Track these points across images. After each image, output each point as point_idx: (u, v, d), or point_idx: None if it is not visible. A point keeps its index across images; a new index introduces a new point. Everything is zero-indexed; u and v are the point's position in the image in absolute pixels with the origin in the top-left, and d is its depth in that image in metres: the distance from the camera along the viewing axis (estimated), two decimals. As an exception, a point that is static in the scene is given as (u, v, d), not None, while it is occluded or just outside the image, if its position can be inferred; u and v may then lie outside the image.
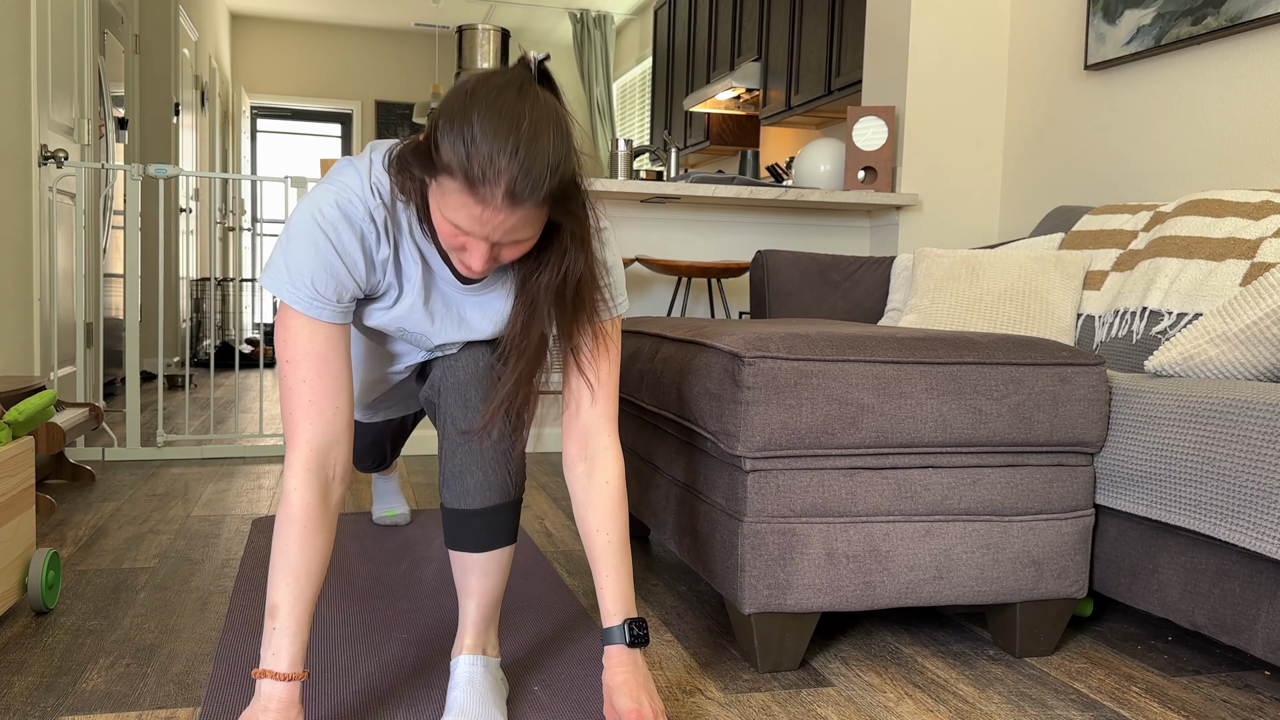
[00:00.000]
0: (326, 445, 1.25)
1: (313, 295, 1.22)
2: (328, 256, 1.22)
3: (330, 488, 1.26)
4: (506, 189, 1.08)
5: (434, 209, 1.16)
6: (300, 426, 1.23)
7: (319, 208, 1.22)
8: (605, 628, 1.36)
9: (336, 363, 1.25)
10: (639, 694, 1.30)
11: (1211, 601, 1.53)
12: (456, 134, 1.09)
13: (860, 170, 3.57)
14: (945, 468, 1.62)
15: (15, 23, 3.13)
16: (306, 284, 1.21)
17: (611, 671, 1.33)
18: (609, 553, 1.36)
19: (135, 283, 3.34)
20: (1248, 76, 2.62)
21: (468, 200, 1.10)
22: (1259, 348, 1.74)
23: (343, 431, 1.26)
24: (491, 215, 1.11)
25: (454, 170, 1.09)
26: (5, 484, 1.64)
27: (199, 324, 6.70)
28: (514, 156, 1.08)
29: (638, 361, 2.01)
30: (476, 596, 1.41)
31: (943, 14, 3.52)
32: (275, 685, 1.20)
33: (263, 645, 1.22)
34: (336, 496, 1.27)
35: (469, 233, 1.13)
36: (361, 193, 1.23)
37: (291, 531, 1.22)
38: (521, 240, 1.16)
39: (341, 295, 1.24)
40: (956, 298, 2.48)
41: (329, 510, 1.25)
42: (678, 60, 6.68)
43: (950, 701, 1.52)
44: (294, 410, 1.23)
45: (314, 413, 1.24)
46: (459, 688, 1.37)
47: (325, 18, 9.08)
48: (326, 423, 1.24)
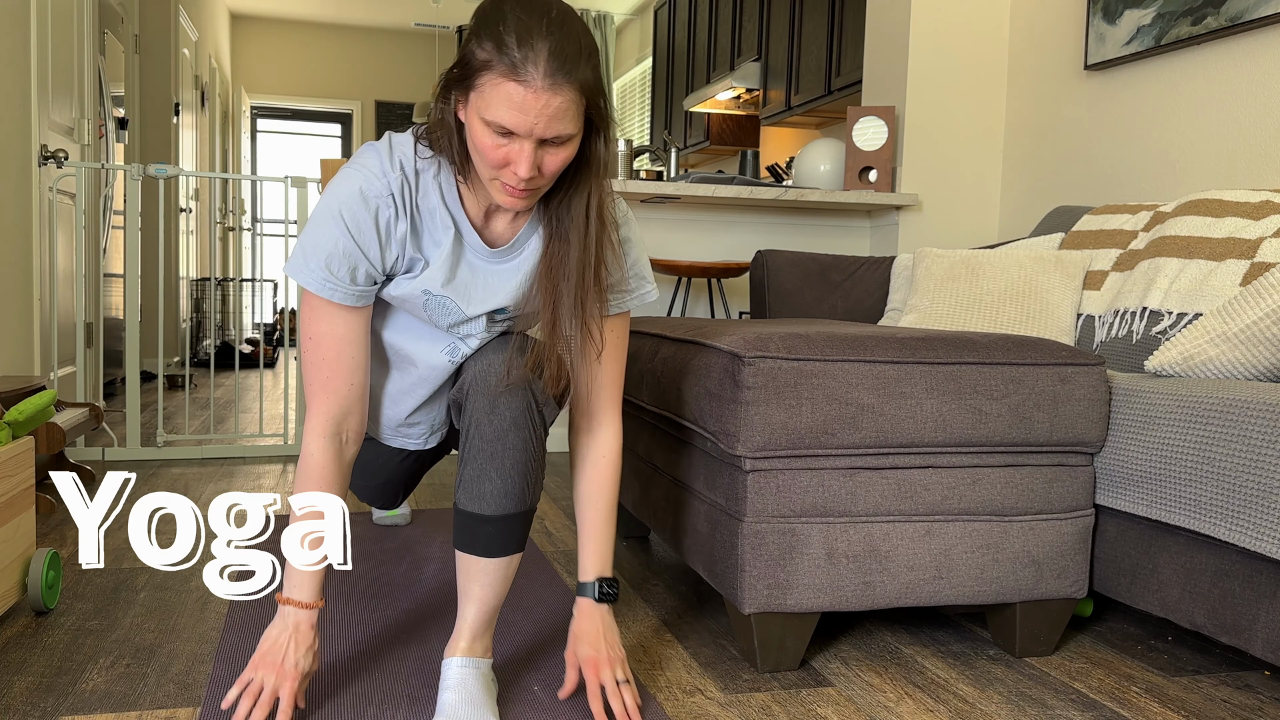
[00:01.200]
0: (341, 415, 1.38)
1: (326, 276, 1.29)
2: (341, 238, 1.28)
3: (344, 448, 1.40)
4: (546, 66, 1.14)
5: (473, 129, 1.21)
6: (318, 398, 1.36)
7: (336, 192, 1.29)
8: (580, 582, 1.48)
9: (354, 343, 1.36)
10: (599, 642, 1.42)
11: (1211, 601, 1.53)
12: (491, 29, 1.16)
13: (860, 170, 3.57)
14: (945, 468, 1.62)
15: (15, 23, 3.13)
16: (321, 266, 1.29)
17: (578, 620, 1.45)
18: (596, 520, 1.48)
19: (135, 283, 3.34)
20: (1248, 76, 2.62)
21: (509, 87, 1.15)
22: (1259, 348, 1.74)
23: (356, 402, 1.39)
24: (534, 99, 1.15)
25: (492, 63, 1.15)
26: (5, 484, 1.64)
27: (199, 324, 6.70)
28: (548, 34, 1.15)
29: (638, 361, 2.01)
30: (477, 603, 1.40)
31: (943, 14, 3.52)
32: (298, 612, 1.35)
33: (285, 575, 1.34)
34: (350, 454, 1.42)
35: (513, 130, 1.17)
36: (380, 169, 1.29)
37: (309, 482, 1.36)
38: (562, 138, 1.20)
39: (356, 275, 1.31)
40: (956, 298, 2.48)
41: (342, 465, 1.40)
42: (678, 60, 6.68)
43: (950, 701, 1.52)
44: (312, 383, 1.36)
45: (330, 388, 1.36)
46: (450, 690, 1.37)
47: (325, 18, 9.08)
48: (341, 397, 1.37)
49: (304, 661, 1.35)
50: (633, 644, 1.72)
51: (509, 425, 1.34)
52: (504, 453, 1.35)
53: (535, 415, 1.36)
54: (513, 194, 1.24)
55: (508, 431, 1.34)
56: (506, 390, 1.35)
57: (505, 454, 1.35)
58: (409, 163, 1.31)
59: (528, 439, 1.35)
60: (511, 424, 1.34)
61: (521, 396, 1.35)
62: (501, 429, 1.34)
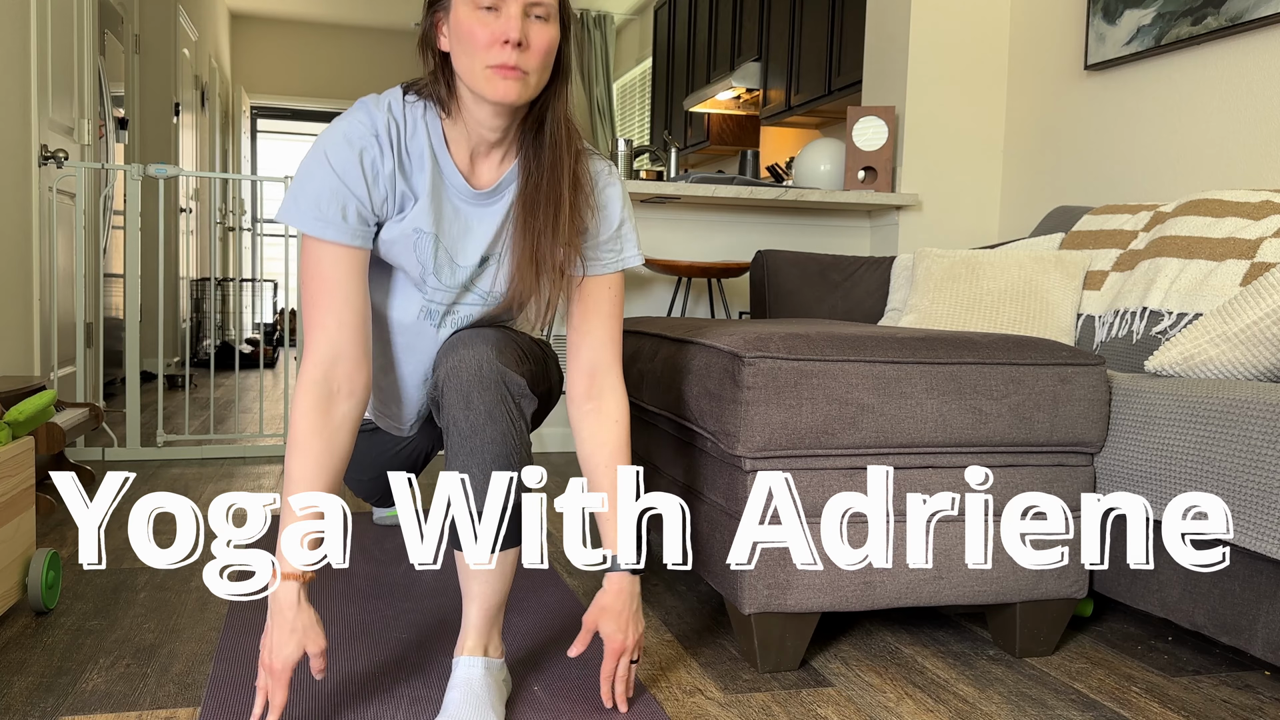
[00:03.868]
0: (331, 357, 1.33)
1: (317, 214, 1.31)
2: (327, 178, 1.31)
3: (334, 400, 1.33)
4: None
5: (459, 22, 1.27)
6: (309, 341, 1.33)
7: (323, 140, 1.34)
8: (609, 555, 1.44)
9: (345, 283, 1.34)
10: (627, 625, 1.42)
11: (1211, 601, 1.53)
12: None
13: (860, 170, 3.57)
14: (945, 468, 1.62)
15: (15, 23, 3.13)
16: (311, 205, 1.31)
17: (608, 595, 1.43)
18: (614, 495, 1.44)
19: (135, 283, 3.34)
20: (1248, 76, 2.62)
21: None
22: (1259, 348, 1.74)
23: (347, 345, 1.34)
24: None
25: None
26: (5, 484, 1.64)
27: (199, 324, 6.70)
28: None
29: (638, 361, 2.01)
30: (479, 600, 1.40)
31: (943, 14, 3.52)
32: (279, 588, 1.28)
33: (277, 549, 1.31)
34: (342, 410, 1.34)
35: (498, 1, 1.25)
36: (366, 114, 1.34)
37: (294, 446, 1.31)
38: (545, 7, 1.28)
39: (346, 214, 1.32)
40: (956, 298, 2.48)
41: (330, 422, 1.33)
42: (678, 60, 6.68)
43: (950, 701, 1.52)
44: (305, 327, 1.34)
45: (321, 326, 1.33)
46: (456, 688, 1.37)
47: (325, 18, 9.08)
48: (331, 336, 1.33)
49: (287, 648, 1.27)
50: (633, 644, 1.72)
51: (484, 419, 1.34)
52: (483, 447, 1.35)
53: (512, 407, 1.36)
54: (505, 74, 1.27)
55: (484, 426, 1.34)
56: (479, 384, 1.35)
57: (485, 448, 1.35)
58: (397, 106, 1.36)
59: (506, 431, 1.35)
60: (486, 418, 1.34)
61: (495, 389, 1.35)
62: (477, 424, 1.34)
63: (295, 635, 1.27)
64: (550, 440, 3.71)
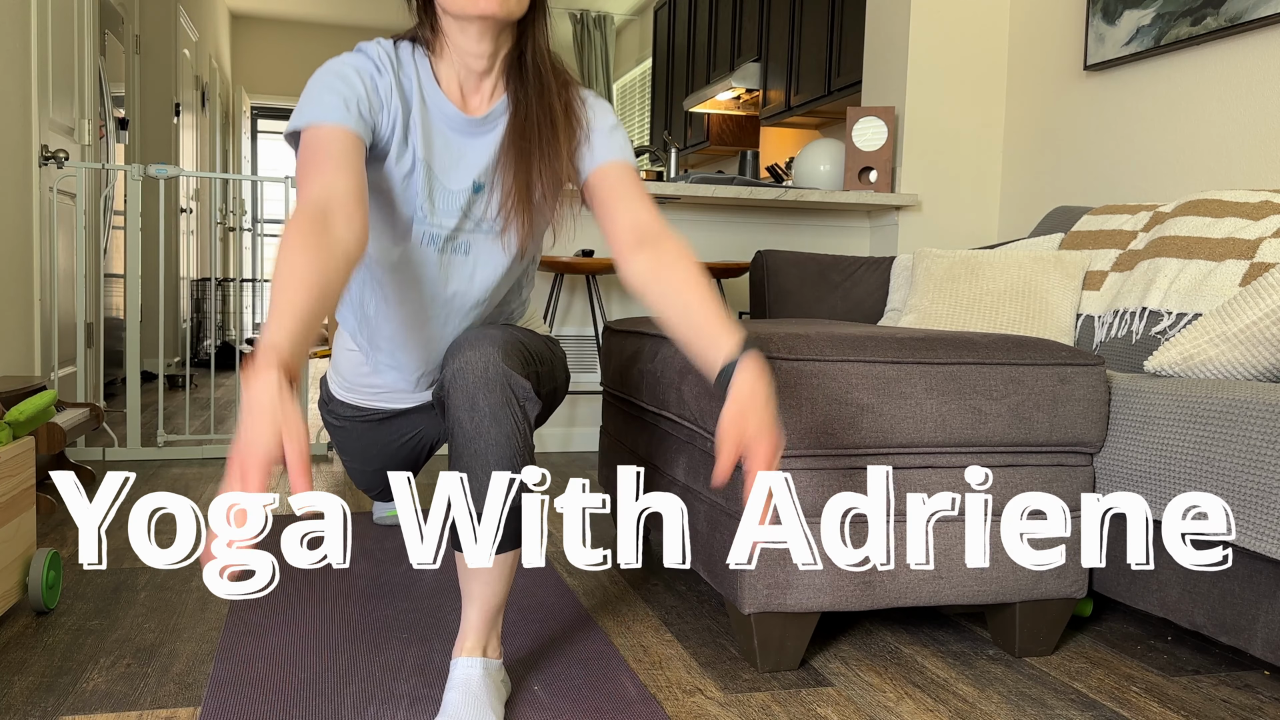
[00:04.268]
0: (324, 198, 1.20)
1: (319, 103, 1.30)
2: (327, 89, 1.32)
3: (329, 224, 1.17)
4: None
5: None
6: (302, 193, 1.21)
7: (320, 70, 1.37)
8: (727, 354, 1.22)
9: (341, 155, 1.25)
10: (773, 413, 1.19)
11: (1211, 601, 1.53)
12: None
13: (860, 170, 3.57)
14: (945, 468, 1.62)
15: (15, 23, 3.13)
16: (315, 102, 1.31)
17: (743, 382, 1.18)
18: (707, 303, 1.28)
19: (136, 283, 3.34)
20: (1247, 76, 2.62)
21: None
22: (1259, 348, 1.74)
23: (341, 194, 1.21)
24: None
25: None
26: (6, 484, 1.64)
27: (199, 324, 6.70)
28: None
29: (638, 361, 2.01)
30: (479, 601, 1.40)
31: (943, 14, 3.52)
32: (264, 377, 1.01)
33: None
34: (338, 234, 1.18)
35: None
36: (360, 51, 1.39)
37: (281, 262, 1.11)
38: None
39: (348, 104, 1.32)
40: (956, 298, 2.48)
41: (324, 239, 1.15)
42: (678, 60, 6.68)
43: (950, 701, 1.52)
44: (299, 186, 1.23)
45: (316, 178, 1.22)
46: (454, 689, 1.37)
47: (325, 18, 9.08)
48: (327, 182, 1.22)
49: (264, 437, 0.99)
50: (633, 644, 1.72)
51: (489, 421, 1.34)
52: (486, 449, 1.34)
53: (516, 408, 1.36)
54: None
55: (488, 427, 1.34)
56: (485, 386, 1.35)
57: (488, 450, 1.35)
58: (387, 44, 1.41)
59: (510, 433, 1.35)
60: (491, 419, 1.34)
61: (500, 391, 1.35)
62: (481, 425, 1.34)
63: (274, 425, 0.99)
64: (550, 440, 3.71)
